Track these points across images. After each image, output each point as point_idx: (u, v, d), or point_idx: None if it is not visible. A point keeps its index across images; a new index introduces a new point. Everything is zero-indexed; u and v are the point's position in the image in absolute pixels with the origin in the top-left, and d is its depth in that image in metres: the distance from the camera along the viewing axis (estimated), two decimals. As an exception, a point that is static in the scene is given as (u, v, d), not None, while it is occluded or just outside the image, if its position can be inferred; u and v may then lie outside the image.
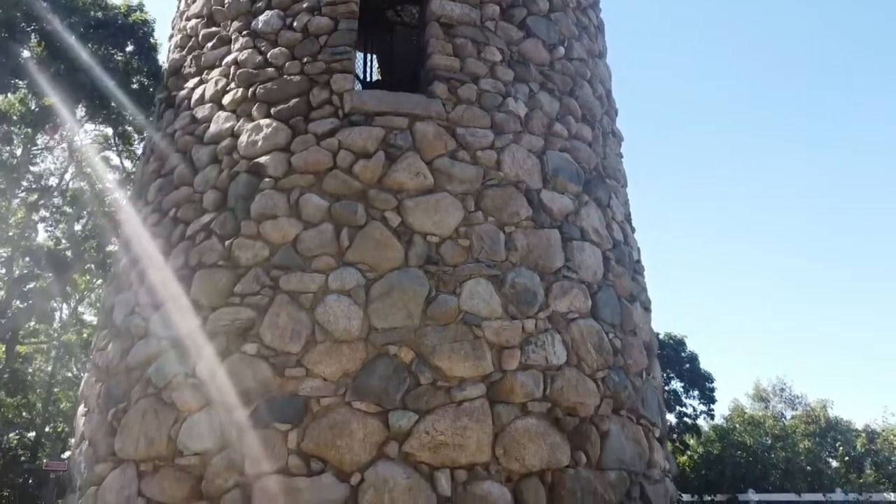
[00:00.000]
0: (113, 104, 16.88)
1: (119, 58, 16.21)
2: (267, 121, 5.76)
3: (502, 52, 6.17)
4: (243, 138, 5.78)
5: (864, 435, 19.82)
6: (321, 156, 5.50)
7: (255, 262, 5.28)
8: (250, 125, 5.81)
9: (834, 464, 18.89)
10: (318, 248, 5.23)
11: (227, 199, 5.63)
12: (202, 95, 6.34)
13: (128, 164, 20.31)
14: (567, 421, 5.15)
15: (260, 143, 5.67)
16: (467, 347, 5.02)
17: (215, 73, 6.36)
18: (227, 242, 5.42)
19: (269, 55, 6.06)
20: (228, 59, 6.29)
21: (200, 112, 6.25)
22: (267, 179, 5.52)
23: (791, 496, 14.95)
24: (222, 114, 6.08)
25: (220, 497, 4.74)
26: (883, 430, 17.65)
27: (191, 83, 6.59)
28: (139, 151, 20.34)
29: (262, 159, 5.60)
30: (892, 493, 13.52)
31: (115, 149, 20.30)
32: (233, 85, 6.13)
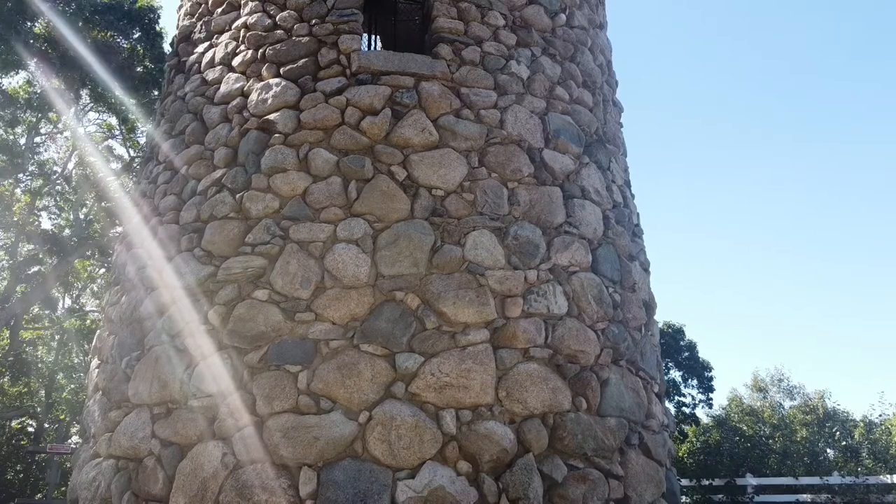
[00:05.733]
0: (118, 92, 17.05)
1: (125, 44, 16.37)
2: (276, 80, 5.93)
3: (505, 17, 6.34)
4: (253, 97, 5.94)
5: (861, 425, 19.98)
6: (329, 113, 5.66)
7: (265, 213, 5.44)
8: (260, 84, 5.98)
9: (831, 453, 19.03)
10: (327, 199, 5.39)
11: (237, 155, 5.80)
12: (212, 58, 6.51)
13: (132, 152, 20.49)
14: (568, 368, 5.30)
15: (270, 101, 5.83)
16: (471, 294, 5.18)
17: (225, 36, 6.53)
18: (238, 195, 5.58)
19: (277, 18, 6.23)
20: (238, 22, 6.45)
21: (211, 74, 6.42)
22: (277, 135, 5.68)
23: (788, 480, 15.10)
24: (232, 75, 6.25)
25: (233, 436, 4.89)
26: (880, 416, 17.81)
27: (201, 48, 6.76)
28: (142, 140, 20.51)
29: (272, 116, 5.76)
30: (888, 476, 13.63)
31: (119, 136, 20.48)
32: (242, 47, 6.30)
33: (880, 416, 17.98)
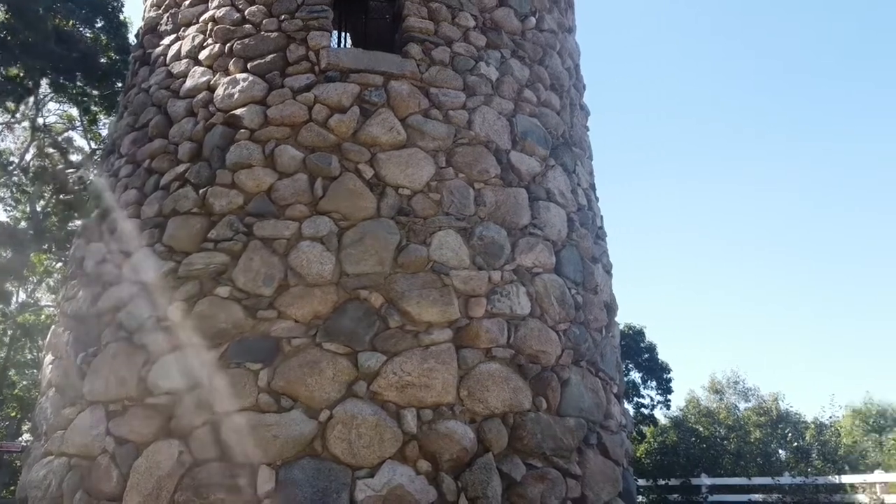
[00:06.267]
0: (79, 82, 16.64)
1: (88, 33, 15.99)
2: (243, 75, 5.87)
3: (475, 18, 6.37)
4: (220, 91, 5.87)
5: (813, 427, 20.53)
6: (297, 109, 5.63)
7: (229, 209, 5.39)
8: (227, 79, 5.92)
9: (783, 454, 19.51)
10: (293, 196, 5.36)
11: (202, 149, 5.73)
12: (178, 51, 6.42)
13: (93, 144, 20.03)
14: (529, 368, 5.36)
15: (236, 96, 5.77)
16: (435, 294, 5.20)
17: (192, 29, 6.44)
18: (201, 191, 5.51)
19: (246, 12, 6.17)
20: (206, 15, 6.38)
21: (177, 67, 6.33)
22: (243, 131, 5.63)
23: (741, 480, 15.42)
24: (198, 69, 6.17)
25: (190, 434, 4.83)
26: (830, 418, 18.34)
27: (167, 40, 6.66)
28: (104, 132, 20.04)
29: (239, 111, 5.70)
30: (836, 477, 14.02)
31: (79, 128, 20.01)
32: (210, 41, 6.23)
33: (830, 418, 18.50)
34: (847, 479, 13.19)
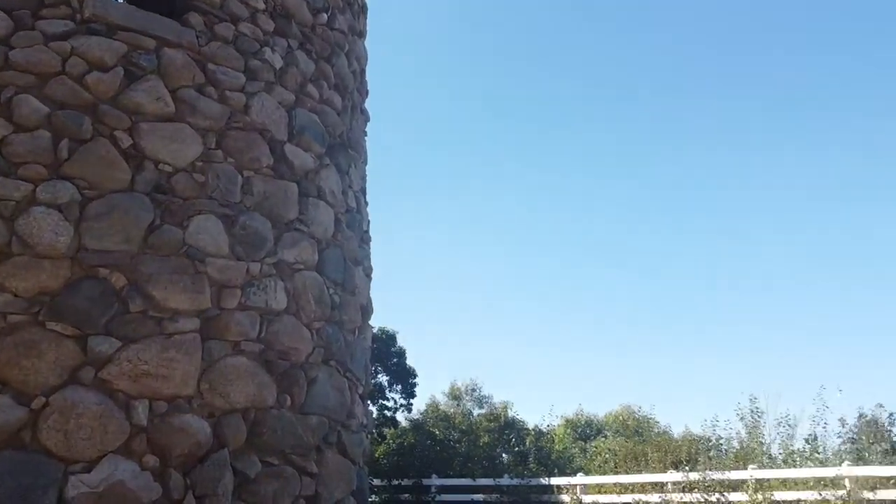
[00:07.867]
0: None
1: None
2: (-15, 6, 5.07)
3: (266, 1, 6.18)
4: (-50, 18, 5.01)
5: (532, 433, 22.82)
6: (48, 58, 4.98)
7: (-57, 158, 4.61)
8: (-39, 5, 5.07)
9: (506, 457, 21.41)
10: (30, 154, 4.74)
11: (-86, 81, 4.84)
12: None
13: None
14: (278, 364, 5.31)
15: (-29, 28, 4.97)
16: (187, 281, 4.94)
17: (-80, -63, 5.42)
18: None
19: (-3, -66, 5.34)
20: (-58, -75, 5.40)
21: None
22: (-26, 70, 4.86)
23: (468, 481, 16.63)
24: (-77, -15, 5.20)
25: None
26: (548, 426, 20.57)
27: None
28: None
29: (-28, 46, 4.91)
30: (547, 479, 15.70)
31: None
32: (-57, -44, 5.28)
33: (548, 426, 20.70)
34: (555, 480, 14.79)
